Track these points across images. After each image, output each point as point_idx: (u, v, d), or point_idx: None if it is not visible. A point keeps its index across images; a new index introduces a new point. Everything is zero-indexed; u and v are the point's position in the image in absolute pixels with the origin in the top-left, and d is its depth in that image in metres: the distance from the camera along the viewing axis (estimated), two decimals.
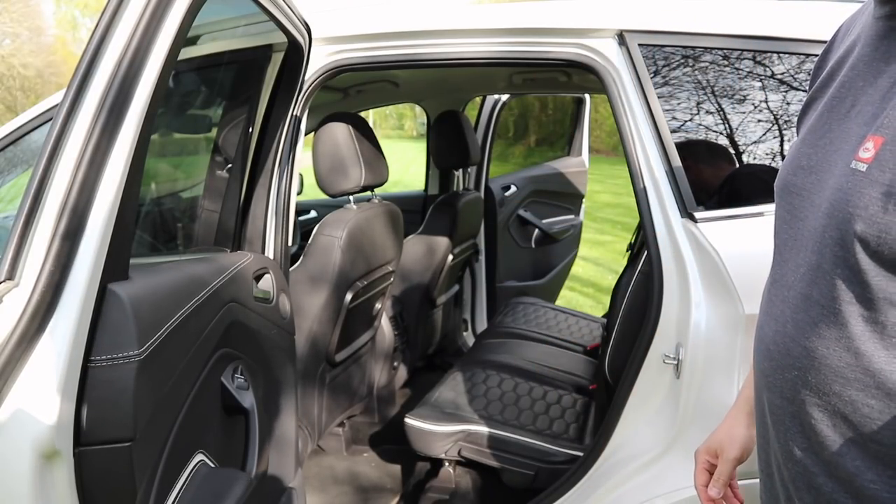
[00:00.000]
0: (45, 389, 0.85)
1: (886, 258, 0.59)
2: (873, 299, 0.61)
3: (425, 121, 3.41)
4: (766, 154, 1.45)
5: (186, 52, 1.17)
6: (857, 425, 0.64)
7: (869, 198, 0.60)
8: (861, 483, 0.64)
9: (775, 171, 0.94)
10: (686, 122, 1.47)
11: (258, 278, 1.46)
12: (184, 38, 0.97)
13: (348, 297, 1.98)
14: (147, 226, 1.47)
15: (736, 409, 0.98)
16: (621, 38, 1.51)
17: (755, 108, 1.45)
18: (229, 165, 1.57)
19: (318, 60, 1.69)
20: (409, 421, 1.87)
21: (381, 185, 2.06)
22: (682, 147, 1.45)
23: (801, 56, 1.42)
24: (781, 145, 1.43)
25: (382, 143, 2.13)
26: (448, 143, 2.64)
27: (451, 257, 2.64)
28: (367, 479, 2.25)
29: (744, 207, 1.37)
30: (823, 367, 0.66)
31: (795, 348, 0.69)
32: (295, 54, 1.51)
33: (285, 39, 1.45)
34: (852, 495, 0.65)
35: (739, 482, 0.96)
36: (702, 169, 1.48)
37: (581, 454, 1.70)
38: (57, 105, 1.41)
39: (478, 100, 3.38)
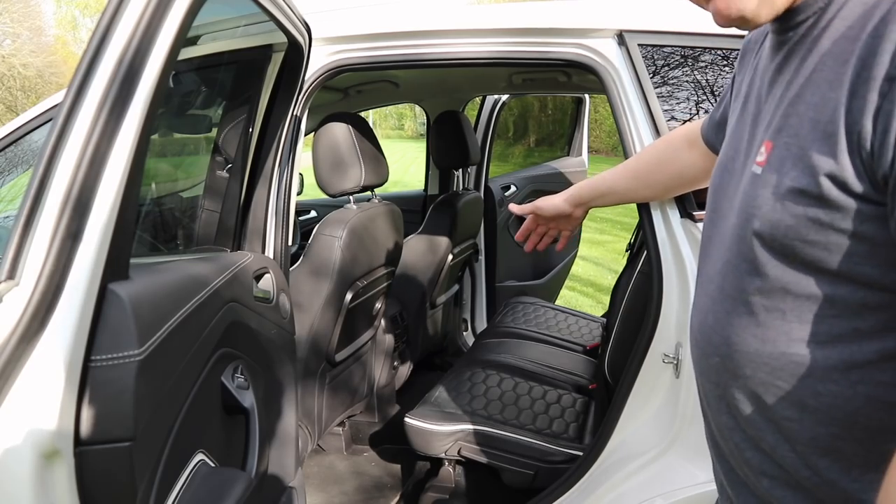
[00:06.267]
0: (45, 389, 0.85)
1: (779, 250, 0.66)
2: (772, 289, 0.68)
3: (425, 121, 3.42)
4: None
5: (186, 52, 1.17)
6: (769, 405, 0.70)
7: (763, 198, 0.67)
8: (780, 455, 0.71)
9: None
10: (685, 122, 1.47)
11: (258, 278, 1.46)
12: (184, 38, 0.97)
13: (348, 296, 1.99)
14: (147, 225, 1.47)
15: (570, 190, 1.41)
16: (621, 38, 1.51)
17: None
18: (229, 165, 1.57)
19: (319, 60, 1.69)
20: (409, 420, 1.87)
21: (381, 184, 2.06)
22: None
23: None
24: None
25: (382, 143, 2.13)
26: (448, 143, 2.64)
27: (450, 257, 2.64)
28: (368, 478, 2.25)
29: None
30: (737, 354, 0.73)
31: (715, 337, 0.76)
32: (295, 54, 1.51)
33: (285, 39, 1.45)
34: (777, 465, 0.72)
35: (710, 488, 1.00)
36: None
37: (581, 453, 1.70)
38: (57, 105, 1.41)
39: (478, 100, 3.38)
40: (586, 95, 3.59)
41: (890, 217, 0.58)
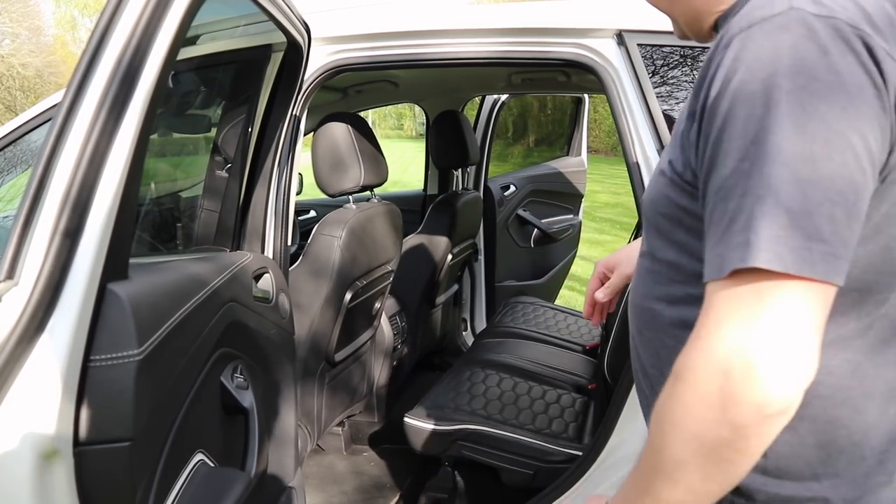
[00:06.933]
0: (44, 389, 0.85)
1: (650, 220, 0.79)
2: (647, 252, 0.81)
3: (425, 121, 3.41)
4: None
5: (186, 52, 1.17)
6: (640, 354, 0.84)
7: (654, 178, 0.80)
8: (649, 404, 0.81)
9: None
10: None
11: (258, 278, 1.46)
12: (183, 37, 0.97)
13: (348, 296, 1.98)
14: (147, 225, 1.47)
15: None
16: (620, 38, 1.51)
17: None
18: (229, 165, 1.58)
19: (318, 60, 1.69)
20: (409, 420, 1.87)
21: (380, 184, 2.06)
22: None
23: None
24: None
25: (382, 143, 2.13)
26: (447, 143, 2.64)
27: (450, 257, 2.64)
28: (367, 478, 2.25)
29: None
30: (634, 309, 0.85)
31: (633, 296, 0.88)
32: (294, 54, 1.52)
33: (284, 39, 1.45)
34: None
35: None
36: None
37: (580, 453, 1.70)
38: (56, 105, 1.41)
39: (477, 100, 3.38)
40: (586, 95, 3.59)
41: (700, 203, 0.69)
